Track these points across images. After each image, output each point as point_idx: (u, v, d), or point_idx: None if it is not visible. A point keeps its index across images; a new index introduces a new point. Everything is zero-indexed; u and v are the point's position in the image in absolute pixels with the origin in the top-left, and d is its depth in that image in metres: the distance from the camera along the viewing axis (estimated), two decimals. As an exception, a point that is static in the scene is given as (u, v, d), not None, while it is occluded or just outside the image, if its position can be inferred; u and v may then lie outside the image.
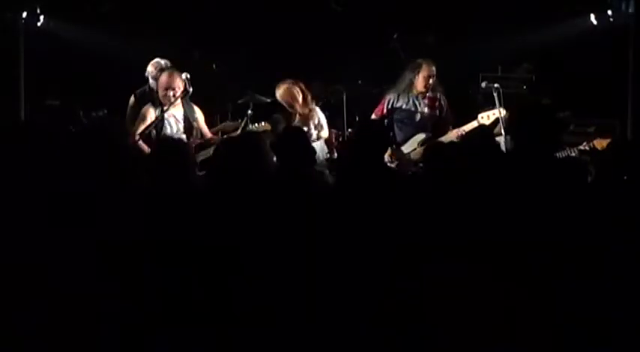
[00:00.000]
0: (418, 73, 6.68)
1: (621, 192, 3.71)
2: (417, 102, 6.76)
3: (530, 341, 3.36)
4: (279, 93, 6.79)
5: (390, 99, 6.81)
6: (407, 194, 4.12)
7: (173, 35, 8.16)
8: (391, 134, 6.81)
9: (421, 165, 5.50)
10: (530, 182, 3.63)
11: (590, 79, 7.84)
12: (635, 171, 3.77)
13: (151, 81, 6.67)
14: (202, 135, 6.59)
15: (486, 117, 6.44)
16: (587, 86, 7.78)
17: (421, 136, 6.64)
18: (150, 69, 6.69)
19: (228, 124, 7.31)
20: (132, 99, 6.70)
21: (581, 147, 6.17)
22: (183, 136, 6.36)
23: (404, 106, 6.77)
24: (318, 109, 7.00)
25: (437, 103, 6.76)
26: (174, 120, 6.43)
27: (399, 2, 8.33)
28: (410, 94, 6.75)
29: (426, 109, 6.74)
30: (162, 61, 6.70)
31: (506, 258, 3.44)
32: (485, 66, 8.14)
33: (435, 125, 6.73)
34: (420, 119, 6.74)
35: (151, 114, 6.33)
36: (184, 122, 6.47)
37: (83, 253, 3.55)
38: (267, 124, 6.68)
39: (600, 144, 6.18)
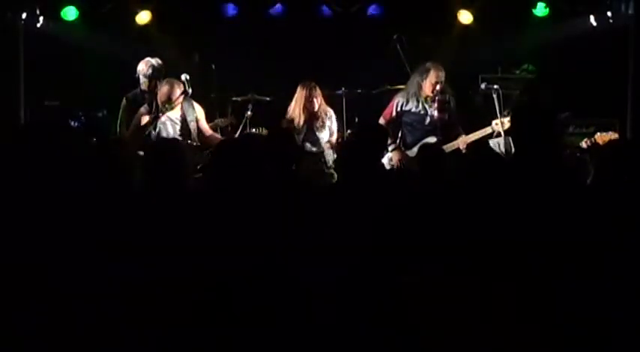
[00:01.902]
0: (426, 77, 6.66)
1: (621, 192, 3.71)
2: (426, 106, 6.73)
3: (530, 341, 3.36)
4: None
5: (399, 102, 6.79)
6: (405, 195, 4.12)
7: (173, 36, 8.16)
8: (400, 136, 6.83)
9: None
10: (530, 182, 3.62)
11: (590, 79, 7.84)
12: (635, 171, 3.77)
13: (141, 79, 6.65)
14: (203, 133, 6.58)
15: (501, 124, 6.40)
16: (587, 86, 7.78)
17: (431, 139, 6.62)
18: (141, 67, 6.67)
19: (220, 120, 7.31)
20: (123, 102, 6.67)
21: (583, 144, 6.17)
22: (180, 139, 6.36)
23: (413, 109, 6.76)
24: (331, 115, 7.03)
25: (446, 106, 6.74)
26: (171, 122, 6.42)
27: (399, 2, 8.34)
28: (419, 97, 6.73)
29: (435, 113, 6.71)
30: (154, 60, 6.69)
31: (505, 258, 3.44)
32: (484, 67, 8.14)
33: (444, 128, 6.72)
34: (430, 122, 6.72)
35: (145, 117, 6.33)
36: (181, 124, 6.46)
37: (83, 254, 3.55)
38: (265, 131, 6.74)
39: (602, 138, 6.18)
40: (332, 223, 4.01)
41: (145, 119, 6.32)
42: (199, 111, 6.59)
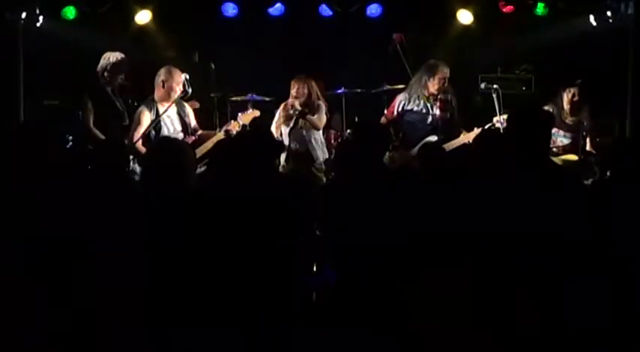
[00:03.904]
0: (434, 75, 6.68)
1: (623, 191, 3.72)
2: (428, 105, 6.75)
3: (530, 340, 3.36)
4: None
5: (401, 101, 6.81)
6: (405, 194, 4.12)
7: (173, 36, 8.17)
8: (401, 136, 6.83)
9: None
10: (529, 183, 3.62)
11: (589, 79, 7.83)
12: (636, 171, 3.78)
13: (105, 74, 6.58)
14: (194, 130, 6.59)
15: (503, 121, 6.41)
16: (586, 86, 7.77)
17: (432, 138, 6.63)
18: (101, 62, 6.59)
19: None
20: (85, 98, 6.57)
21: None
22: (181, 135, 6.38)
23: (415, 108, 6.78)
24: (323, 107, 6.98)
25: (448, 105, 6.76)
26: (170, 119, 6.43)
27: (399, 2, 8.34)
28: (421, 96, 6.75)
29: (437, 111, 6.72)
30: (113, 55, 6.60)
31: (506, 259, 3.44)
32: (484, 67, 8.14)
33: (445, 127, 6.72)
34: (432, 121, 6.74)
35: (147, 116, 6.33)
36: (179, 120, 6.47)
37: (83, 254, 3.55)
38: (255, 111, 6.68)
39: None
40: (331, 222, 4.01)
41: (146, 116, 6.33)
42: (189, 109, 6.61)
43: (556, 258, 3.42)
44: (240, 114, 6.69)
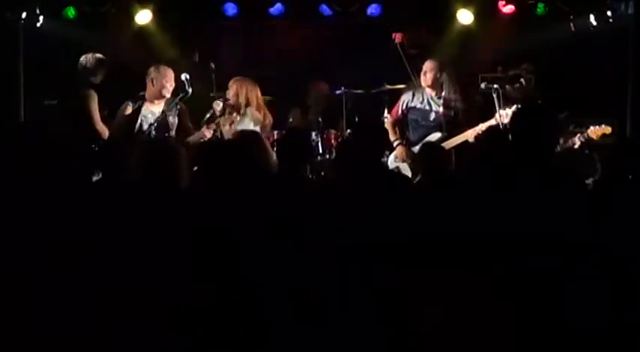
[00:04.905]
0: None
1: (623, 191, 3.71)
2: (432, 102, 6.78)
3: (530, 340, 3.36)
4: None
5: (404, 100, 6.85)
6: (404, 194, 4.12)
7: (173, 36, 8.17)
8: (406, 133, 6.85)
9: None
10: (529, 183, 3.62)
11: (590, 79, 7.84)
12: (636, 171, 3.78)
13: (96, 74, 6.67)
14: (183, 131, 6.60)
15: (505, 115, 6.40)
16: (587, 86, 7.79)
17: (436, 136, 6.64)
18: (89, 63, 6.67)
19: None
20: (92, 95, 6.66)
21: (576, 141, 6.21)
22: (155, 132, 6.39)
23: (418, 105, 6.81)
24: (250, 115, 6.92)
25: (452, 103, 6.76)
26: (152, 116, 6.46)
27: (399, 2, 8.35)
28: (424, 93, 6.78)
29: (440, 109, 6.74)
30: (98, 55, 6.69)
31: (506, 260, 3.44)
32: (484, 67, 8.14)
33: (450, 125, 6.73)
34: (435, 118, 6.76)
35: (128, 110, 6.40)
36: (161, 118, 6.46)
37: (79, 255, 3.55)
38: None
39: (595, 132, 6.21)
40: (331, 222, 4.01)
41: (128, 110, 6.40)
42: (182, 109, 6.60)
43: (556, 258, 3.42)
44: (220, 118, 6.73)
